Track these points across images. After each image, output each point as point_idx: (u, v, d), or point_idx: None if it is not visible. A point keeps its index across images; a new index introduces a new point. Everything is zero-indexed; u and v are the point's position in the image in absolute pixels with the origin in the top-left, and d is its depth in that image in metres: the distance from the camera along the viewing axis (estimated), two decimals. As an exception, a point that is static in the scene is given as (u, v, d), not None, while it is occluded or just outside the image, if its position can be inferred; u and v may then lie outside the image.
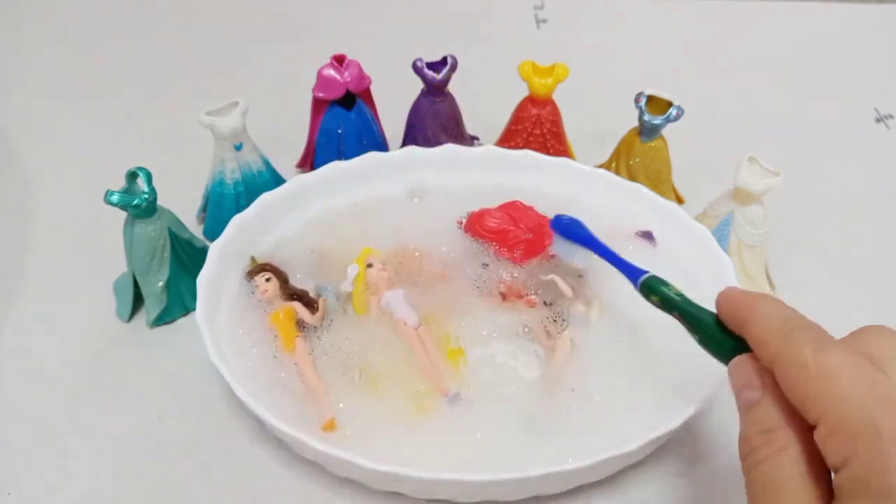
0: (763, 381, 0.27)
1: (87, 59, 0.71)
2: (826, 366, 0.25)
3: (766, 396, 0.27)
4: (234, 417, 0.41)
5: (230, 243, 0.44)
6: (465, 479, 0.34)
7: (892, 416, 0.23)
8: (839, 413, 0.24)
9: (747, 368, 0.28)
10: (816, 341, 0.26)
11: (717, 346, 0.31)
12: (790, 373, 0.26)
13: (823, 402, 0.24)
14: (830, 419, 0.24)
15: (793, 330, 0.27)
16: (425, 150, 0.50)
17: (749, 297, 0.30)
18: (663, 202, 0.47)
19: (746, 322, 0.29)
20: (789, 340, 0.26)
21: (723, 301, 0.31)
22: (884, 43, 0.76)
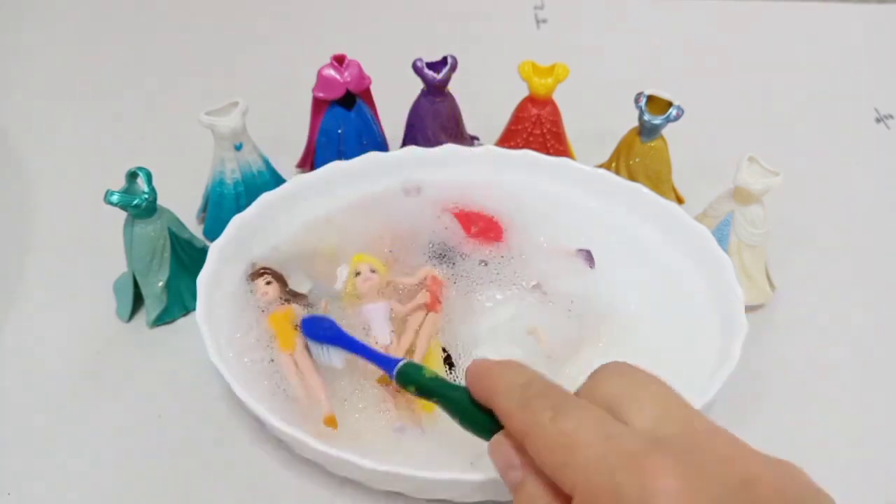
0: (522, 459, 0.26)
1: (87, 59, 0.71)
2: (564, 432, 0.25)
3: (527, 475, 0.26)
4: (234, 417, 0.41)
5: (230, 243, 0.44)
6: (465, 479, 0.34)
7: (631, 474, 0.23)
8: (585, 480, 0.24)
9: (505, 448, 0.27)
10: (554, 406, 0.26)
11: (477, 425, 0.30)
12: (535, 444, 0.25)
13: (570, 472, 0.24)
14: (580, 488, 0.24)
15: (531, 398, 0.26)
16: (425, 150, 0.50)
17: (493, 366, 0.29)
18: (663, 202, 0.47)
19: (491, 395, 0.28)
20: (529, 410, 0.26)
21: (470, 374, 0.30)
22: (884, 43, 0.76)
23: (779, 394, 0.43)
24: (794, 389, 0.44)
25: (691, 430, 0.25)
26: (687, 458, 0.23)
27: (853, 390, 0.44)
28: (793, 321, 0.47)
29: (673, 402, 0.26)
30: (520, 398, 0.27)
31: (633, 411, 0.25)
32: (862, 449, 0.41)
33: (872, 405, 0.43)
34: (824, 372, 0.45)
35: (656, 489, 0.22)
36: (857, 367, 0.45)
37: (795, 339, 0.47)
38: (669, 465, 0.23)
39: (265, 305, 0.42)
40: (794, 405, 0.43)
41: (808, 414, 0.42)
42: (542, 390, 0.27)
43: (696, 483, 0.22)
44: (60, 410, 0.42)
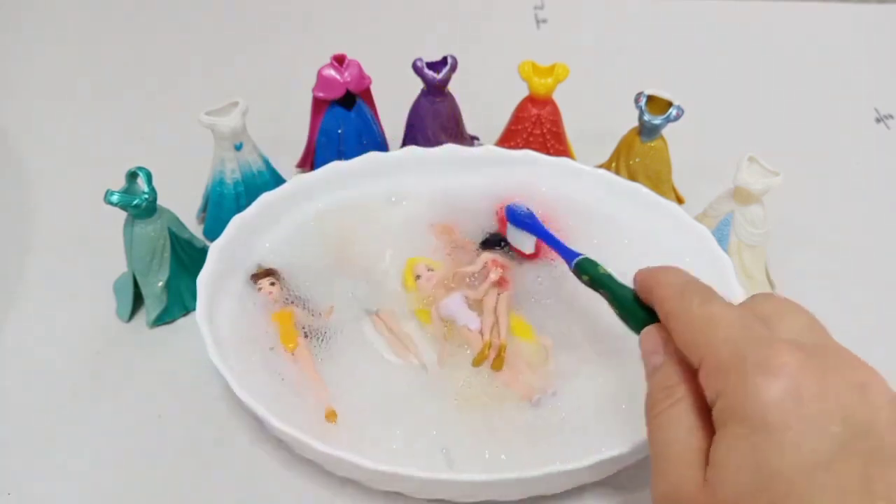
0: (667, 347, 0.29)
1: (87, 59, 0.71)
2: (708, 314, 0.27)
3: (668, 359, 0.29)
4: (234, 417, 0.41)
5: (230, 243, 0.44)
6: (465, 479, 0.34)
7: (758, 348, 0.25)
8: (715, 353, 0.26)
9: (654, 336, 0.30)
10: (703, 296, 0.29)
11: (634, 318, 0.33)
12: (679, 324, 0.28)
13: (703, 346, 0.27)
14: (708, 360, 0.26)
15: (685, 289, 0.29)
16: (425, 150, 0.50)
17: (658, 268, 0.32)
18: (663, 202, 0.47)
19: (652, 288, 0.31)
20: (682, 297, 0.29)
21: (638, 276, 0.33)
22: (884, 43, 0.76)
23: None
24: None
25: (826, 343, 0.27)
26: (813, 353, 0.25)
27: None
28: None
29: (817, 325, 0.28)
30: (678, 289, 0.30)
31: (779, 326, 0.27)
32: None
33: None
34: (824, 372, 0.45)
35: (779, 362, 0.24)
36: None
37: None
38: (795, 350, 0.25)
39: (269, 305, 0.42)
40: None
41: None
42: (697, 286, 0.30)
43: (816, 370, 0.24)
44: (60, 410, 0.42)
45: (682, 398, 0.27)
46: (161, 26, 0.75)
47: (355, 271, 0.45)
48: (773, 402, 0.23)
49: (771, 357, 0.24)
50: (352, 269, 0.45)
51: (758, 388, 0.24)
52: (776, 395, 0.23)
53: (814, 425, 0.23)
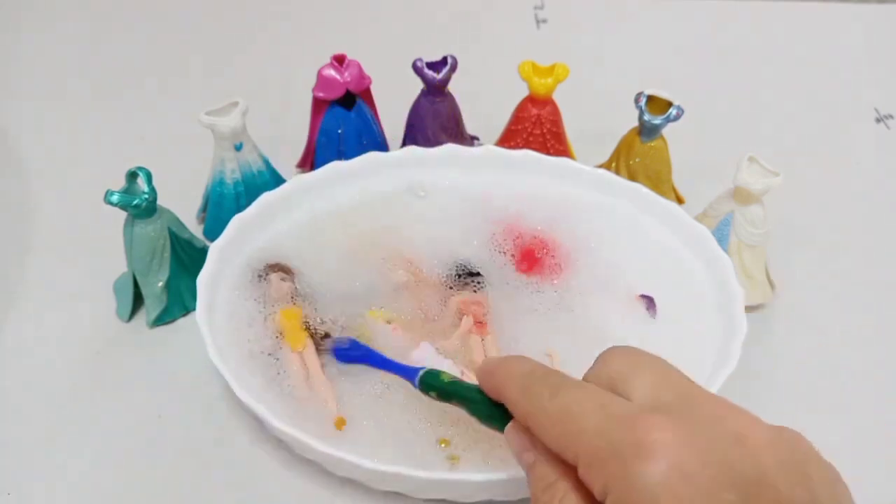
0: (534, 443, 0.28)
1: (87, 59, 0.71)
2: (563, 406, 0.26)
3: (539, 456, 0.28)
4: (234, 417, 0.41)
5: (230, 243, 0.44)
6: (465, 479, 0.34)
7: (626, 432, 0.24)
8: (586, 448, 0.25)
9: (518, 434, 0.29)
10: (552, 387, 0.27)
11: (494, 420, 0.31)
12: (538, 425, 0.27)
13: (571, 442, 0.25)
14: (582, 456, 0.25)
15: (532, 383, 0.28)
16: (425, 150, 0.50)
17: (500, 361, 0.31)
18: (663, 202, 0.47)
19: (499, 387, 0.30)
20: (530, 394, 0.28)
21: (479, 372, 0.31)
22: (884, 43, 0.76)
23: (779, 394, 0.43)
24: (794, 389, 0.44)
25: (687, 395, 0.26)
26: (680, 415, 0.24)
27: (853, 390, 0.44)
28: (793, 321, 0.47)
29: (672, 375, 0.27)
30: (522, 385, 0.28)
31: (633, 387, 0.26)
32: (863, 449, 0.41)
33: (873, 405, 0.43)
34: (824, 372, 0.45)
35: (651, 441, 0.23)
36: (858, 366, 0.45)
37: (795, 339, 0.47)
38: (663, 421, 0.24)
39: (276, 300, 0.42)
40: (794, 405, 0.43)
41: (808, 414, 0.42)
42: (542, 376, 0.28)
43: (690, 436, 0.23)
44: (60, 410, 0.42)
45: (566, 494, 0.26)
46: (161, 26, 0.75)
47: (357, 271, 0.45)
48: (660, 486, 0.22)
49: (642, 437, 0.23)
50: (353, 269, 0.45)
51: (641, 475, 0.23)
52: (661, 477, 0.22)
53: (708, 499, 0.22)
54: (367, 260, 0.46)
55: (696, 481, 0.22)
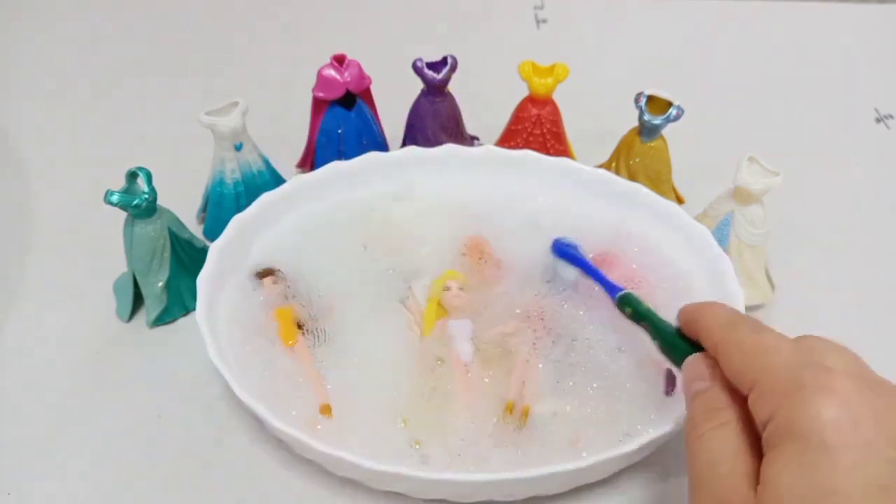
0: (712, 374, 0.30)
1: (87, 60, 0.71)
2: (762, 342, 0.28)
3: (714, 384, 0.29)
4: (234, 417, 0.41)
5: (230, 243, 0.44)
6: (465, 479, 0.34)
7: (815, 373, 0.25)
8: (771, 377, 0.26)
9: (699, 363, 0.31)
10: (754, 326, 0.30)
11: (676, 349, 0.34)
12: (730, 352, 0.29)
13: (756, 371, 0.27)
14: (761, 384, 0.26)
15: (735, 320, 0.30)
16: (425, 150, 0.50)
17: (705, 303, 0.34)
18: (663, 202, 0.47)
19: (697, 320, 0.32)
20: (732, 328, 0.30)
21: (682, 311, 0.34)
22: (884, 43, 0.76)
23: (779, 394, 0.43)
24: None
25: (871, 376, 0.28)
26: (867, 382, 0.26)
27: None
28: (793, 321, 0.47)
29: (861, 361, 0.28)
30: (727, 320, 0.30)
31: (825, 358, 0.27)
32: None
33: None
34: (824, 372, 0.45)
35: (836, 387, 0.25)
36: (857, 367, 0.45)
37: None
38: (849, 378, 0.25)
39: (270, 302, 0.43)
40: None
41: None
42: (747, 317, 0.31)
43: (871, 397, 0.25)
44: (60, 410, 0.42)
45: (729, 421, 0.27)
46: (161, 26, 0.75)
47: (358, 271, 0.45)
48: (831, 423, 0.24)
49: (828, 381, 0.25)
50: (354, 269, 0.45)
51: (817, 407, 0.24)
52: (834, 416, 0.24)
53: (871, 449, 0.23)
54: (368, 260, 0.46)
55: (865, 431, 0.24)
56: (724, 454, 0.27)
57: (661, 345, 0.35)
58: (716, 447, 0.27)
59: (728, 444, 0.27)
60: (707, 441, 0.28)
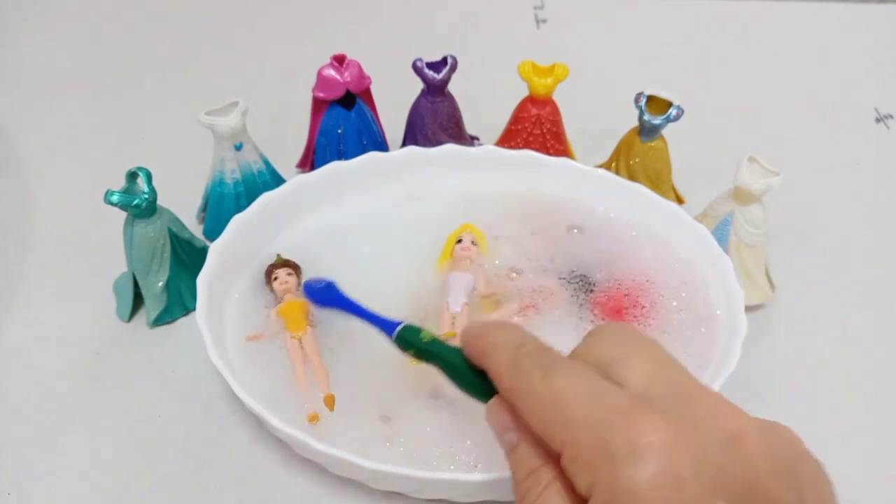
0: (517, 423, 0.27)
1: (87, 59, 0.71)
2: (554, 391, 0.25)
3: (522, 438, 0.26)
4: (234, 417, 0.41)
5: (230, 243, 0.44)
6: (465, 479, 0.34)
7: (618, 429, 0.23)
8: (572, 437, 0.24)
9: (501, 411, 0.27)
10: (544, 366, 0.26)
11: (474, 388, 0.29)
12: (525, 405, 0.26)
13: (559, 429, 0.24)
14: (568, 446, 0.24)
15: (522, 358, 0.26)
16: (425, 150, 0.50)
17: (488, 327, 0.29)
18: (663, 202, 0.47)
19: (482, 356, 0.28)
20: (519, 371, 0.26)
21: (465, 335, 0.30)
22: (884, 43, 0.76)
23: (779, 394, 0.43)
24: (794, 389, 0.44)
25: (682, 390, 0.25)
26: (675, 414, 0.23)
27: (853, 390, 0.44)
28: (793, 321, 0.47)
29: (666, 363, 0.26)
30: (511, 358, 0.27)
31: (627, 373, 0.25)
32: (862, 449, 0.41)
33: (873, 405, 0.43)
34: (824, 372, 0.45)
35: (643, 443, 0.22)
36: (857, 366, 0.45)
37: (795, 339, 0.47)
38: (656, 421, 0.23)
39: (282, 295, 0.43)
40: (794, 405, 0.43)
41: (808, 414, 0.42)
42: (533, 351, 0.27)
43: (683, 437, 0.22)
44: (60, 410, 0.42)
45: (550, 482, 0.25)
46: (161, 26, 0.75)
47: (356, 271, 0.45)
48: (650, 493, 0.21)
49: (634, 437, 0.22)
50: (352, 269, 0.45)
51: (631, 479, 0.22)
52: (651, 483, 0.21)
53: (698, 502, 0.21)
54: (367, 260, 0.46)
55: (687, 488, 0.22)
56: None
57: (458, 386, 0.30)
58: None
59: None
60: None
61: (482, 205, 0.49)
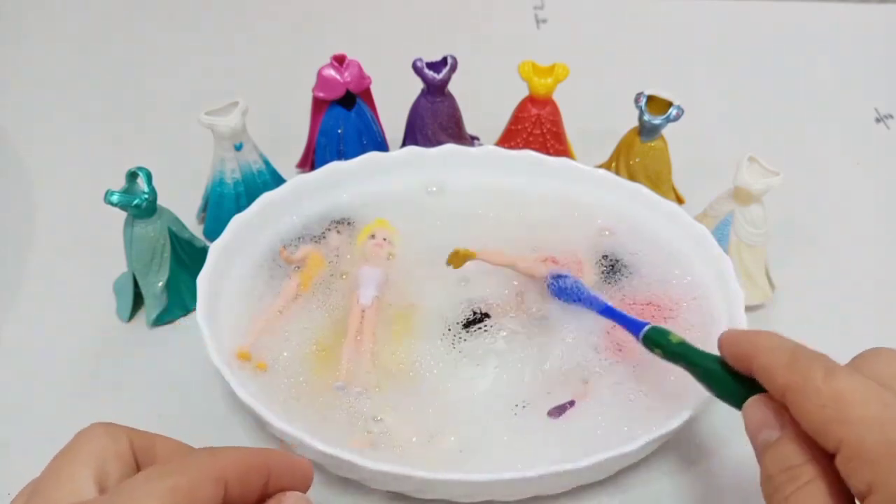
0: (780, 420, 0.27)
1: (87, 59, 0.71)
2: (838, 390, 0.25)
3: (785, 433, 0.27)
4: (234, 417, 0.41)
5: (230, 243, 0.44)
6: (465, 479, 0.34)
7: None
8: (857, 437, 0.24)
9: (762, 408, 0.28)
10: (825, 367, 0.26)
11: (726, 390, 0.31)
12: (803, 401, 0.26)
13: (840, 427, 0.24)
14: (849, 444, 0.24)
15: (800, 358, 0.27)
16: (425, 150, 0.50)
17: (751, 333, 0.30)
18: (663, 202, 0.47)
19: (751, 356, 0.29)
20: (798, 368, 0.26)
21: (725, 341, 0.31)
22: (884, 43, 0.76)
23: (779, 394, 0.43)
24: (794, 389, 0.44)
25: None
26: None
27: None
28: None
29: None
30: (789, 357, 0.27)
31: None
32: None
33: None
34: (824, 372, 0.45)
35: None
36: (857, 367, 0.45)
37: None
38: None
39: (334, 250, 0.46)
40: (794, 405, 0.43)
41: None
42: (811, 353, 0.27)
43: None
44: (60, 410, 0.42)
45: (813, 479, 0.25)
46: (161, 26, 0.75)
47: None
48: None
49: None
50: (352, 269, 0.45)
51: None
52: None
53: None
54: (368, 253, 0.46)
55: None
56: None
57: (711, 388, 0.32)
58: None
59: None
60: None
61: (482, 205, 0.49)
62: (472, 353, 0.41)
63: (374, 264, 0.45)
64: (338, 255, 0.46)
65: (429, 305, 0.43)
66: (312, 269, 0.45)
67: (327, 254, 0.46)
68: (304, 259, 0.45)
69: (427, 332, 0.42)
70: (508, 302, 0.43)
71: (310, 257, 0.45)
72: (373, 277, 0.44)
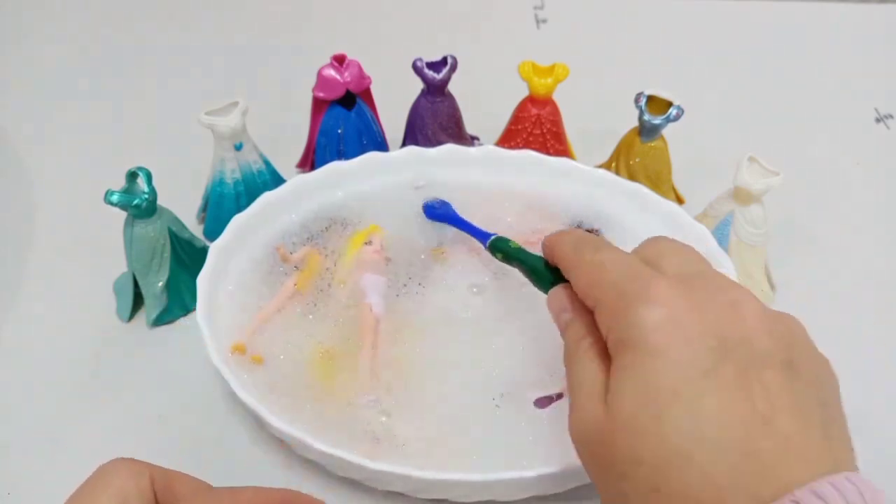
0: (573, 304, 0.31)
1: (87, 59, 0.71)
2: (599, 261, 0.30)
3: (575, 314, 0.31)
4: (234, 417, 0.41)
5: (230, 243, 0.44)
6: (466, 479, 0.34)
7: (638, 284, 0.27)
8: (605, 294, 0.29)
9: (560, 295, 0.33)
10: (595, 245, 0.31)
11: (543, 281, 0.35)
12: (575, 272, 0.31)
13: (594, 290, 0.29)
14: (599, 303, 0.29)
15: (579, 242, 0.32)
16: (425, 150, 0.50)
17: (558, 233, 0.35)
18: (663, 202, 0.47)
19: (553, 248, 0.34)
20: (577, 250, 0.32)
21: (544, 241, 0.35)
22: (884, 43, 0.76)
23: (779, 394, 0.43)
24: (794, 389, 0.44)
25: (702, 270, 0.29)
26: (689, 282, 0.28)
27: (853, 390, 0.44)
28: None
29: (695, 257, 0.30)
30: (574, 243, 0.32)
31: (662, 261, 0.29)
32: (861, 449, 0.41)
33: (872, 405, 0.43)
34: (824, 372, 0.45)
35: (655, 293, 0.27)
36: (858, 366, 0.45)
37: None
38: (672, 282, 0.27)
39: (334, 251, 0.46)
40: (794, 405, 0.43)
41: (808, 414, 0.42)
42: (591, 238, 0.33)
43: (692, 296, 0.27)
44: (60, 410, 0.42)
45: (591, 345, 0.29)
46: (161, 26, 0.75)
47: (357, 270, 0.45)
48: (653, 328, 0.26)
49: (649, 289, 0.27)
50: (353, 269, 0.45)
51: (639, 317, 0.26)
52: (656, 320, 0.26)
53: (692, 343, 0.25)
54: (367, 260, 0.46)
55: (686, 329, 0.26)
56: (585, 374, 0.29)
57: (531, 279, 0.37)
58: (579, 369, 0.29)
59: (588, 365, 0.29)
60: (574, 366, 0.30)
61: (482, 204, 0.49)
62: (472, 352, 0.41)
63: (374, 271, 0.45)
64: (338, 255, 0.46)
65: (429, 305, 0.43)
66: (311, 269, 0.45)
67: (327, 254, 0.45)
68: (304, 259, 0.45)
69: (428, 331, 0.42)
70: (508, 294, 0.43)
71: (309, 258, 0.45)
72: (378, 285, 0.44)
